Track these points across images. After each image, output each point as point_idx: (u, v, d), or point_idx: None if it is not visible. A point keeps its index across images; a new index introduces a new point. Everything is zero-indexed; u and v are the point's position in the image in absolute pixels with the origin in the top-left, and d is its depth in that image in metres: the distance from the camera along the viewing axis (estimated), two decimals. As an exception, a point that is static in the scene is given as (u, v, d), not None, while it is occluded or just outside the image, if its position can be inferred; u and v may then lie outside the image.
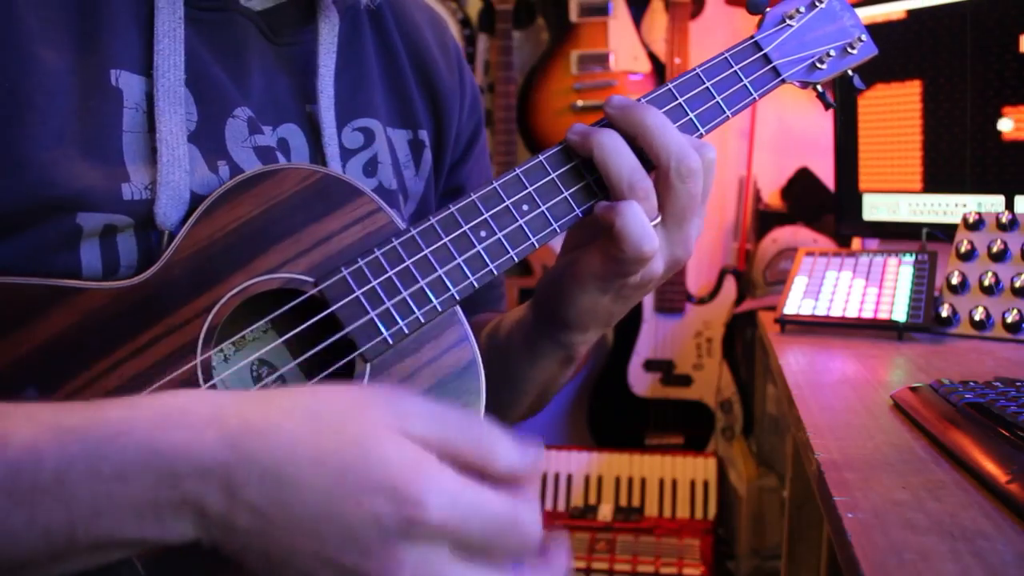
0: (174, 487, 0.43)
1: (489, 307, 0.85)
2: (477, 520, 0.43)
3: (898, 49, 1.40)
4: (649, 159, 0.62)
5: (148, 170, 0.58)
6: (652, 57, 2.41)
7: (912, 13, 1.39)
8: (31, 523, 0.42)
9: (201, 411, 0.45)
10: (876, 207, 1.48)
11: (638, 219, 0.59)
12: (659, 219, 0.62)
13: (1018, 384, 0.69)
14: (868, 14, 1.42)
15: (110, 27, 0.59)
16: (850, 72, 0.73)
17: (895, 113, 1.44)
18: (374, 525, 0.42)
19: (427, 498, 0.42)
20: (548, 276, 0.69)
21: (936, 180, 1.39)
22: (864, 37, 0.72)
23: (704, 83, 0.67)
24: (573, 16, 2.41)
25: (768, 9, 0.70)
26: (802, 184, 2.36)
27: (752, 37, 0.70)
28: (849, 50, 0.72)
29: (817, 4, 0.71)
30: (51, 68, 0.56)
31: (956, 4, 1.34)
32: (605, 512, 2.22)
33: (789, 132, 2.41)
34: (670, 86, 0.66)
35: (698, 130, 0.66)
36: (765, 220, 2.42)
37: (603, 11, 2.39)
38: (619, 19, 2.41)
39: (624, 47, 2.40)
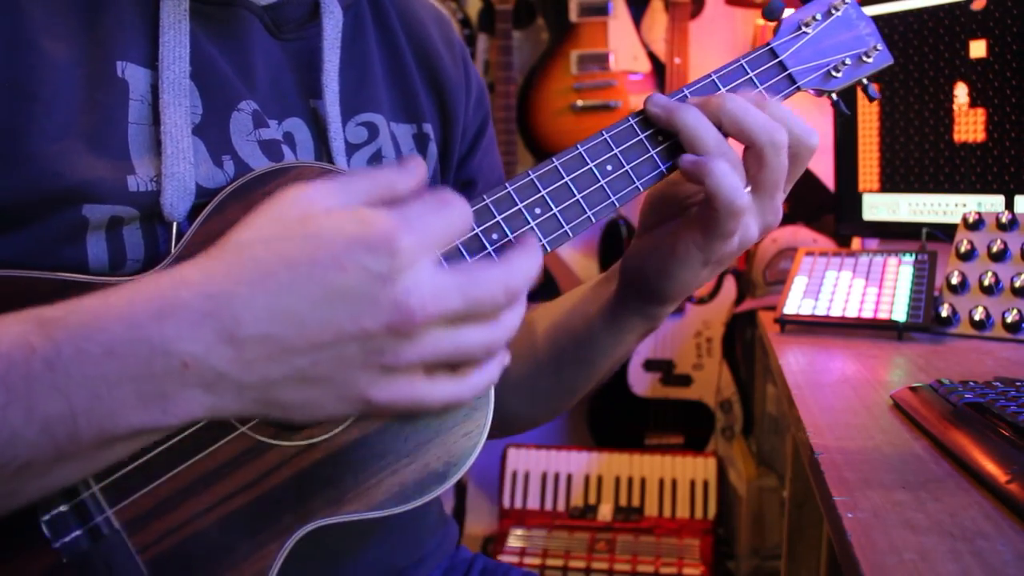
0: (168, 356, 0.43)
1: None
2: (441, 225, 0.47)
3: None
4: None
5: (154, 162, 0.58)
6: (652, 57, 2.41)
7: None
8: (29, 415, 0.43)
9: (164, 282, 0.45)
10: (876, 207, 1.48)
11: (728, 174, 0.60)
12: (748, 189, 0.63)
13: (1018, 384, 0.69)
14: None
15: (116, 19, 0.59)
16: (865, 81, 0.72)
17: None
18: (366, 276, 0.44)
19: (389, 230, 0.45)
20: (635, 258, 0.70)
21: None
22: (880, 46, 0.71)
23: (719, 89, 0.66)
24: (573, 16, 2.40)
25: (784, 16, 0.69)
26: (802, 184, 2.36)
27: (768, 44, 0.69)
28: (864, 59, 0.71)
29: (833, 12, 0.71)
30: (57, 60, 0.56)
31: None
32: (605, 512, 2.22)
33: (789, 132, 2.40)
34: (686, 91, 0.66)
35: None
36: (766, 220, 2.42)
37: (603, 11, 2.38)
38: (619, 19, 2.41)
39: (624, 47, 2.40)
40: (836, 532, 0.50)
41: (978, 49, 1.30)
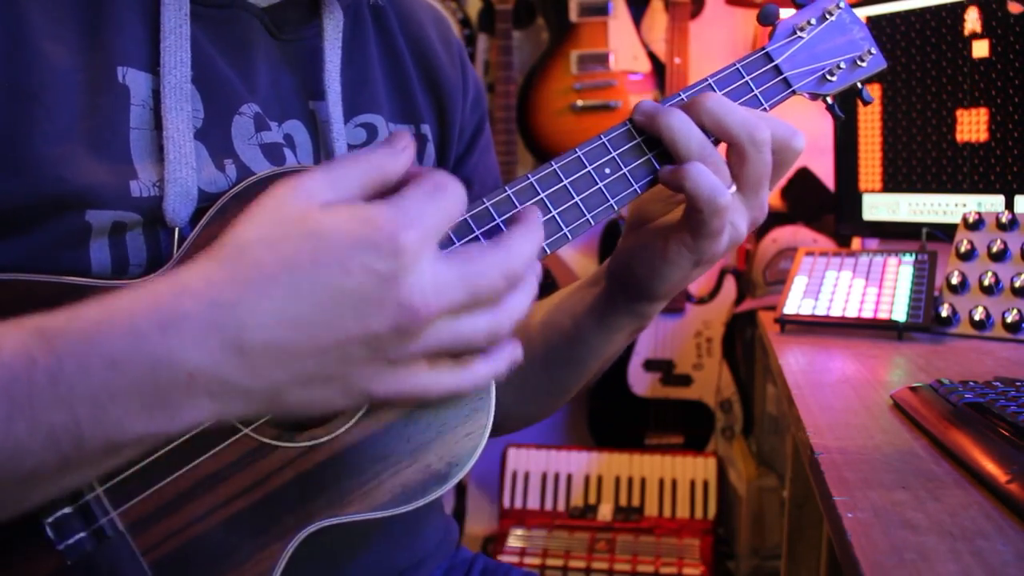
0: (173, 367, 0.43)
1: None
2: (440, 214, 0.47)
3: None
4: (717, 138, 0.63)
5: (156, 167, 0.58)
6: (652, 57, 2.41)
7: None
8: (34, 428, 0.42)
9: (164, 289, 0.45)
10: (876, 207, 1.48)
11: (704, 176, 0.61)
12: (734, 187, 0.64)
13: (1018, 384, 0.69)
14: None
15: (116, 24, 0.59)
16: (859, 85, 0.73)
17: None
18: (371, 277, 0.44)
19: (392, 228, 0.44)
20: (624, 257, 0.70)
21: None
22: (874, 50, 0.72)
23: (716, 93, 0.67)
24: (573, 16, 2.40)
25: (779, 21, 0.70)
26: (802, 184, 2.36)
27: (763, 48, 0.70)
28: (859, 63, 0.72)
29: (828, 17, 0.71)
30: (58, 65, 0.56)
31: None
32: (605, 512, 2.22)
33: (789, 132, 2.40)
34: (683, 95, 0.66)
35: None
36: (765, 220, 2.42)
37: (603, 11, 2.38)
38: (619, 19, 2.41)
39: (624, 47, 2.40)
40: (836, 532, 0.50)
41: (980, 49, 1.30)
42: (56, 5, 0.57)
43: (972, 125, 1.33)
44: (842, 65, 0.71)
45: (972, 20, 1.31)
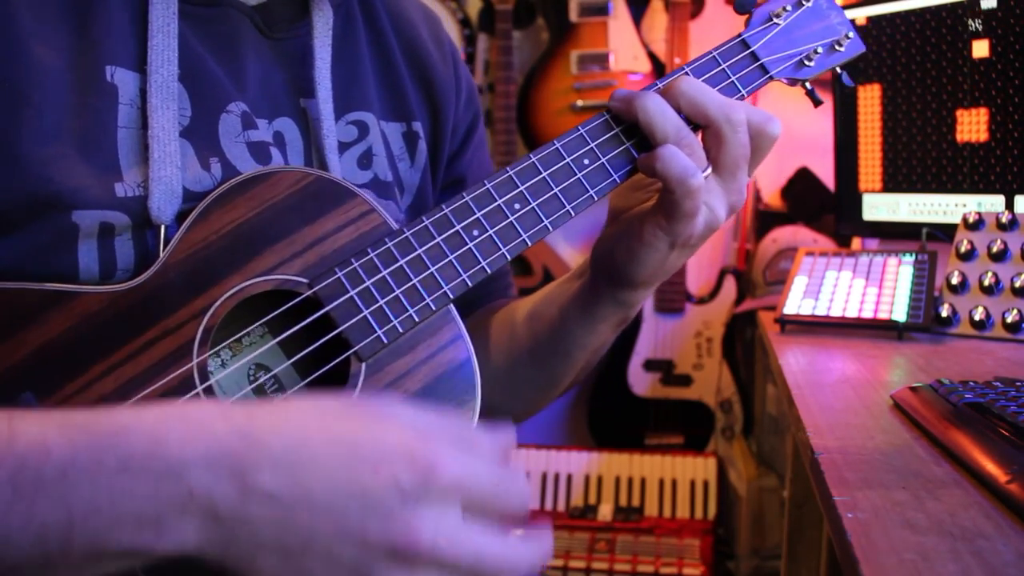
0: (177, 482, 0.42)
1: (498, 297, 0.86)
2: (484, 477, 0.46)
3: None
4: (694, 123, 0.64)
5: (141, 167, 0.58)
6: (652, 57, 2.41)
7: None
8: (29, 520, 0.42)
9: (206, 409, 0.45)
10: (876, 207, 1.48)
11: (676, 157, 0.61)
12: (710, 170, 0.64)
13: (1018, 384, 0.69)
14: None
15: (104, 24, 0.59)
16: (838, 69, 0.73)
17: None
18: (393, 489, 0.43)
19: (439, 458, 0.44)
20: (605, 243, 0.70)
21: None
22: (851, 35, 0.73)
23: (691, 77, 0.67)
24: (573, 16, 2.40)
25: (755, 8, 0.71)
26: (802, 184, 2.36)
27: (739, 35, 0.70)
28: (837, 47, 0.72)
29: (804, 3, 0.72)
30: (46, 65, 0.56)
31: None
32: (605, 512, 2.22)
33: (789, 132, 2.39)
34: (659, 84, 0.66)
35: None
36: (765, 220, 2.42)
37: (603, 11, 2.38)
38: (619, 19, 2.41)
39: (624, 47, 2.40)
40: (836, 532, 0.50)
41: (981, 49, 1.30)
42: (45, 5, 0.57)
43: (972, 125, 1.33)
44: (819, 50, 0.72)
45: (974, 21, 1.31)
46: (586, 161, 0.64)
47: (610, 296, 0.71)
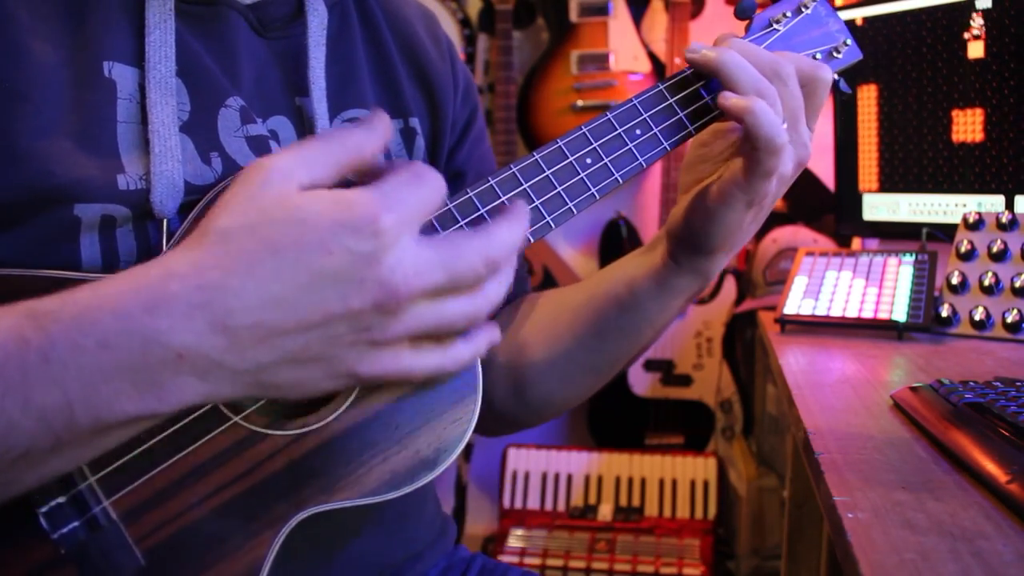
0: (165, 346, 0.44)
1: (512, 291, 0.85)
2: (420, 200, 0.48)
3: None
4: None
5: (142, 160, 0.59)
6: (652, 57, 2.41)
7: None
8: (27, 407, 0.43)
9: (154, 272, 0.46)
10: (876, 207, 1.48)
11: (766, 112, 0.62)
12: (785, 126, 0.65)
13: (1018, 384, 0.69)
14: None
15: (102, 20, 0.59)
16: (836, 76, 0.74)
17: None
18: (351, 257, 0.45)
19: (372, 211, 0.46)
20: (680, 213, 0.71)
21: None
22: (849, 42, 0.73)
23: (695, 85, 0.68)
24: (573, 16, 2.40)
25: (755, 14, 0.71)
26: (802, 184, 2.36)
27: (740, 40, 0.70)
28: (835, 54, 0.73)
29: (803, 10, 0.72)
30: (45, 61, 0.56)
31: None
32: (605, 512, 2.22)
33: (789, 132, 2.40)
34: (661, 87, 0.67)
35: (687, 127, 0.67)
36: (765, 220, 2.42)
37: (603, 11, 2.38)
38: (619, 19, 2.41)
39: (624, 47, 2.40)
40: (836, 532, 0.50)
41: (976, 50, 1.31)
42: (42, 2, 0.58)
43: (968, 125, 1.33)
44: (818, 56, 0.72)
45: (973, 21, 1.31)
46: (589, 160, 0.65)
47: (688, 266, 0.71)
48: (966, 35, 1.31)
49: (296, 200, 0.46)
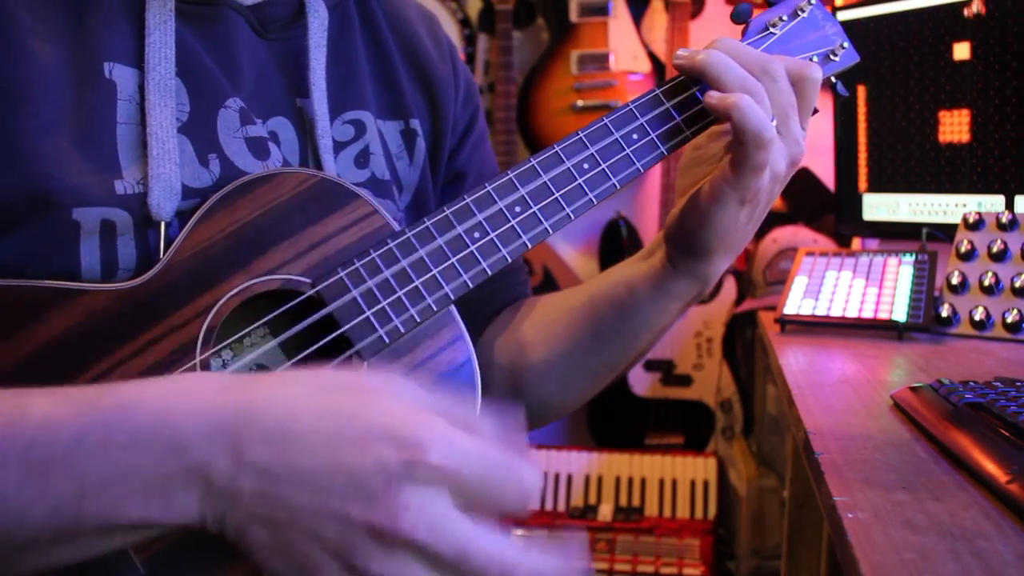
0: (182, 455, 0.44)
1: (512, 293, 0.86)
2: (476, 463, 0.44)
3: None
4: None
5: (140, 164, 0.59)
6: (652, 57, 2.41)
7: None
8: (41, 496, 0.43)
9: (207, 384, 0.46)
10: (876, 207, 1.48)
11: (752, 107, 0.62)
12: (775, 123, 0.64)
13: (1018, 384, 0.69)
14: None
15: (103, 21, 0.59)
16: (833, 79, 0.74)
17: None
18: (378, 470, 0.43)
19: (428, 441, 0.43)
20: (675, 216, 0.70)
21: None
22: (846, 45, 0.73)
23: (691, 89, 0.68)
24: (573, 16, 2.40)
25: (752, 18, 0.71)
26: (802, 184, 2.36)
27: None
28: (831, 57, 0.73)
29: (800, 13, 0.72)
30: (45, 62, 0.56)
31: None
32: (605, 512, 2.22)
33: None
34: (657, 91, 0.67)
35: (684, 132, 0.67)
36: (765, 220, 2.40)
37: (603, 11, 2.38)
38: (619, 19, 2.41)
39: (624, 47, 2.40)
40: (836, 532, 0.50)
41: (962, 51, 1.31)
42: (43, 4, 0.58)
43: (954, 126, 1.34)
44: (814, 59, 0.72)
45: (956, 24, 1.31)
46: (586, 166, 0.65)
47: (685, 270, 0.71)
48: (951, 38, 1.32)
49: (378, 389, 0.46)
